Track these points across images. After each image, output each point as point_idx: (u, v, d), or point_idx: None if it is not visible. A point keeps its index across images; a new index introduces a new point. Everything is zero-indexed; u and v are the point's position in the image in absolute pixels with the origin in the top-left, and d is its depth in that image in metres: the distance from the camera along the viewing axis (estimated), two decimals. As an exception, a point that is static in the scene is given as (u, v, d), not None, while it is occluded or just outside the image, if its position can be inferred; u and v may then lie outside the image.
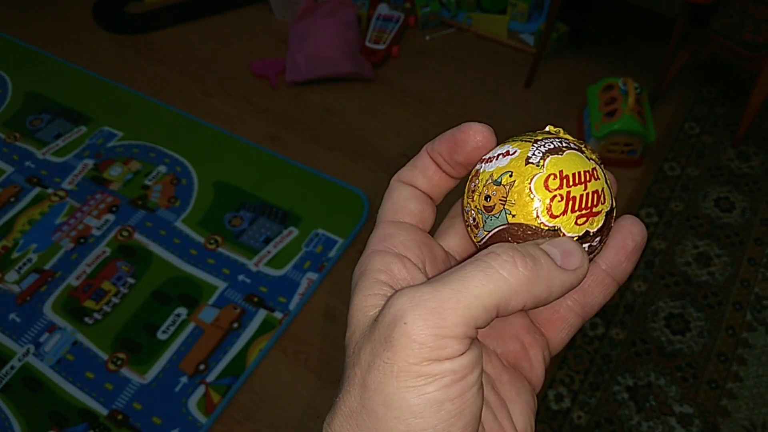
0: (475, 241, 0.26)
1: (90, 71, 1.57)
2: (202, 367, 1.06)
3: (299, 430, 1.03)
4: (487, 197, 0.24)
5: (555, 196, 0.23)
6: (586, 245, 0.24)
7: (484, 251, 0.21)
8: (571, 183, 0.24)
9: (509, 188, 0.24)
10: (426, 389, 0.19)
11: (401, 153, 1.40)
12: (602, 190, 0.24)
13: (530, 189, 0.23)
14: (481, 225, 0.25)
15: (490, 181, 0.24)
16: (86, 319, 1.12)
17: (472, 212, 0.25)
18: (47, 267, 1.19)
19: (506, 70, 1.57)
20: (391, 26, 1.65)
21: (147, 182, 1.33)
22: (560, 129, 0.26)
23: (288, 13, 1.69)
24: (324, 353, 1.11)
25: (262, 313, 1.13)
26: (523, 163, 0.24)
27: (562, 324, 0.26)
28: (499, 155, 0.25)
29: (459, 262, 0.23)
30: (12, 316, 1.13)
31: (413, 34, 1.69)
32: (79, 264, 1.19)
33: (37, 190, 1.31)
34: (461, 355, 0.19)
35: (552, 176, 0.24)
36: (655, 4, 1.66)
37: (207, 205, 1.29)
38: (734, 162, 1.35)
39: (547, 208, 0.23)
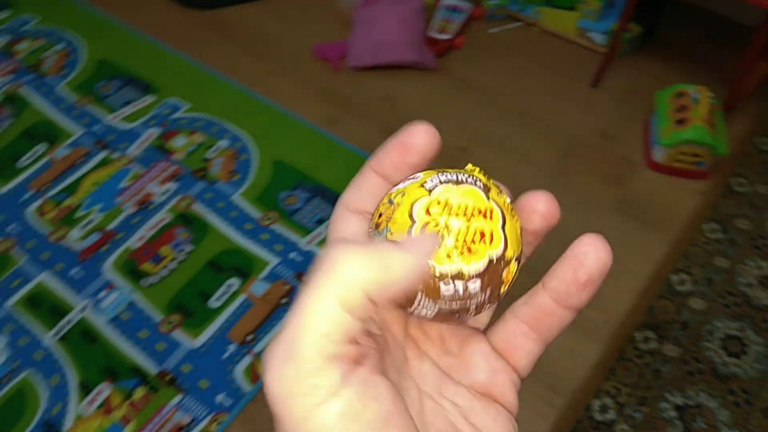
0: None
1: (161, 42, 1.61)
2: (250, 337, 1.08)
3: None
4: (380, 215, 0.24)
5: (432, 222, 0.22)
6: (460, 286, 0.23)
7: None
8: (452, 213, 0.23)
9: (395, 208, 0.23)
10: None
11: (459, 146, 1.39)
12: (491, 232, 0.23)
13: (411, 211, 0.23)
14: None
15: (387, 200, 0.24)
16: (143, 280, 1.16)
17: (369, 230, 0.25)
18: (109, 228, 1.24)
19: (572, 68, 1.54)
20: (457, 17, 1.63)
21: (209, 155, 1.36)
22: (477, 168, 0.25)
23: (351, 0, 1.69)
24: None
25: (310, 292, 1.15)
26: (418, 186, 0.24)
27: (519, 352, 0.25)
28: (407, 179, 0.24)
29: None
30: (74, 271, 1.18)
31: (478, 26, 1.67)
32: (140, 228, 1.23)
33: (104, 153, 1.36)
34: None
35: (437, 202, 0.23)
36: (734, 12, 1.60)
37: (265, 182, 1.31)
38: (807, 182, 1.29)
39: (420, 232, 0.22)
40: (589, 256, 0.23)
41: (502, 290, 0.24)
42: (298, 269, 1.18)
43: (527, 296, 0.25)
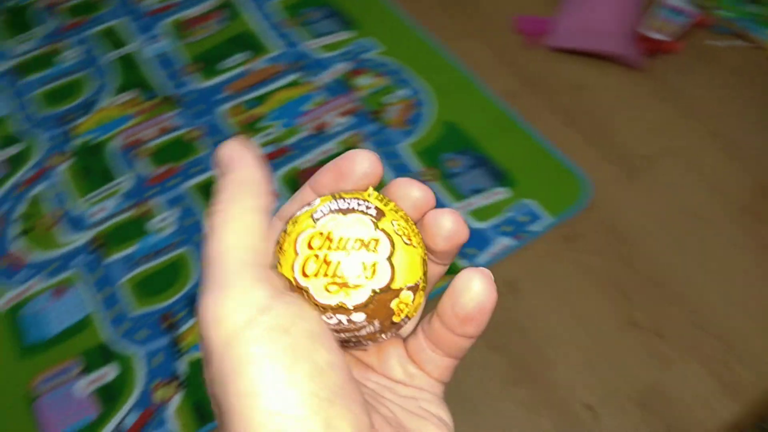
0: None
1: (371, -18, 1.65)
2: (382, 281, 1.11)
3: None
4: (277, 242, 0.24)
5: (313, 255, 0.22)
6: (343, 318, 0.22)
7: None
8: (332, 246, 0.22)
9: (285, 238, 0.23)
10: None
11: (642, 153, 1.30)
12: (374, 264, 0.22)
13: (295, 243, 0.23)
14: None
15: (284, 228, 0.24)
16: (301, 200, 1.23)
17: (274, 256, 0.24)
18: (285, 144, 1.32)
19: (798, 104, 1.36)
20: (679, 19, 1.50)
21: (387, 100, 1.39)
22: (375, 193, 0.24)
23: (574, -23, 1.61)
24: (493, 320, 1.10)
25: (449, 256, 1.15)
26: (308, 216, 0.23)
27: (429, 365, 0.25)
28: (305, 205, 0.24)
29: None
30: (245, 174, 1.27)
31: (697, 34, 1.52)
32: (311, 151, 1.30)
33: (296, 75, 1.44)
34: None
35: (319, 234, 0.22)
36: None
37: (433, 140, 1.32)
38: None
39: (302, 266, 0.22)
40: (464, 296, 0.23)
41: (395, 319, 0.23)
42: (444, 231, 1.18)
43: (429, 315, 0.25)
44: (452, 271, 0.28)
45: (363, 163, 0.24)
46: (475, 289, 0.23)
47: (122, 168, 1.27)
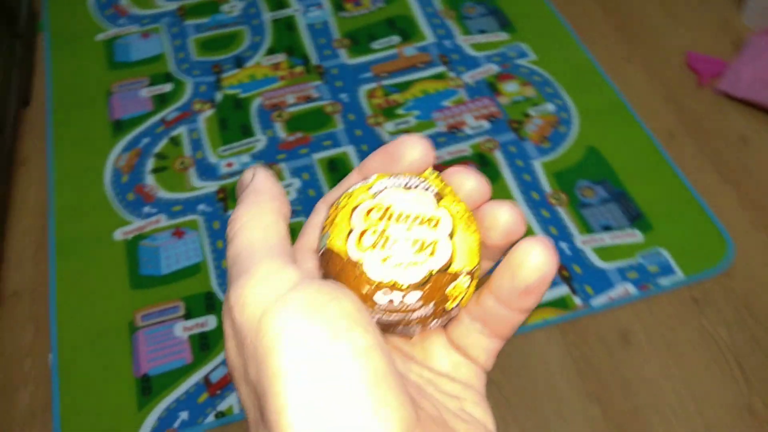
0: None
1: (538, -13, 1.58)
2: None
3: (541, 426, 0.99)
4: (327, 216, 0.23)
5: (370, 228, 0.21)
6: (395, 297, 0.21)
7: None
8: (393, 220, 0.21)
9: (339, 211, 0.22)
10: None
11: (806, 229, 1.16)
12: (435, 243, 0.21)
13: (351, 215, 0.22)
14: (318, 243, 0.23)
15: (336, 203, 0.23)
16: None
17: (320, 233, 0.23)
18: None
19: None
20: None
21: (531, 112, 1.33)
22: (435, 173, 0.23)
23: (760, 21, 1.46)
24: (597, 368, 1.03)
25: (563, 289, 1.08)
26: (366, 189, 0.22)
27: (476, 349, 0.24)
28: (359, 182, 0.23)
29: None
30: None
31: None
32: (442, 149, 1.27)
33: (442, 68, 1.40)
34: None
35: (377, 208, 0.22)
36: None
37: (570, 162, 1.25)
38: None
39: (357, 239, 0.21)
40: (524, 266, 0.21)
41: (448, 306, 0.22)
42: (564, 262, 1.11)
43: (476, 295, 0.24)
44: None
45: (415, 148, 0.23)
46: (536, 260, 0.21)
47: (258, 127, 1.30)
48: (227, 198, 1.19)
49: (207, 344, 1.00)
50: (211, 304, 1.05)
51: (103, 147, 1.25)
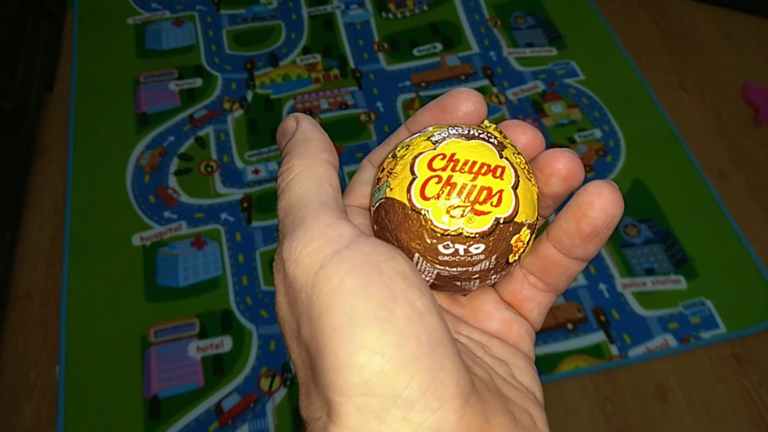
0: None
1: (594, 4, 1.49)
2: (520, 341, 1.01)
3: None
4: (382, 169, 0.22)
5: (434, 177, 0.21)
6: (460, 248, 0.20)
7: None
8: (458, 168, 0.21)
9: (397, 161, 0.22)
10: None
11: None
12: (501, 192, 0.20)
13: (413, 164, 0.21)
14: (372, 197, 0.22)
15: (391, 154, 0.22)
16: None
17: (373, 186, 0.23)
18: (455, 155, 1.22)
19: None
20: None
21: (576, 137, 1.25)
22: (494, 125, 0.23)
23: (832, 54, 1.37)
24: (630, 426, 0.97)
25: (599, 335, 1.02)
26: (424, 139, 0.22)
27: (529, 303, 0.24)
28: (415, 133, 0.23)
29: None
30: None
31: None
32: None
33: (484, 81, 1.33)
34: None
35: (441, 156, 0.21)
36: None
37: (615, 196, 1.17)
38: None
39: (421, 188, 0.21)
40: (593, 207, 0.21)
41: (510, 258, 0.21)
42: (601, 304, 1.05)
43: (532, 246, 0.23)
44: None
45: (469, 99, 0.23)
46: (606, 200, 0.21)
47: (288, 132, 1.24)
48: (251, 208, 1.13)
49: (221, 367, 0.95)
50: (227, 323, 1.00)
51: (126, 142, 1.19)
